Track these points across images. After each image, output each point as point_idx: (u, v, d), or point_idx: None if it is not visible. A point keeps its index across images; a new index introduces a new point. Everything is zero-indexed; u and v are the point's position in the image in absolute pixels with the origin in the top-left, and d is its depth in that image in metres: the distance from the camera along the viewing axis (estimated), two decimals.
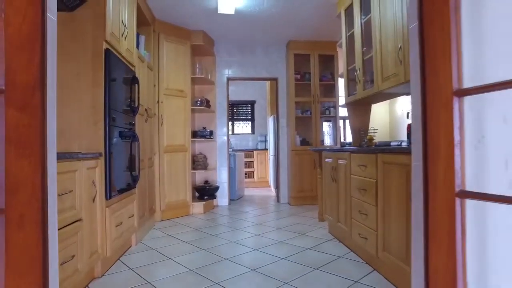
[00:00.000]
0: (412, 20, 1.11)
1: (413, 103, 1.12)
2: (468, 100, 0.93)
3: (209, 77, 5.27)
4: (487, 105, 0.96)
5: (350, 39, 3.64)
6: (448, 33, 0.92)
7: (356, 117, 3.85)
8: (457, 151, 0.92)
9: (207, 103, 5.22)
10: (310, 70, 5.44)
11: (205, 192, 5.08)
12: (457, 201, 0.93)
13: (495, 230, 0.96)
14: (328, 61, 5.58)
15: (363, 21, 3.30)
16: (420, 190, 1.05)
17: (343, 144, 5.44)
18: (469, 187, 0.94)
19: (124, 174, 2.90)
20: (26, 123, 0.92)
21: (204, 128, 5.34)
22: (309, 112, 5.54)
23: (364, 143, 3.61)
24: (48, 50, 0.99)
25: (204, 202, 4.92)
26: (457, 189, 0.92)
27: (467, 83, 0.93)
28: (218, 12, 4.02)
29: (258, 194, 6.92)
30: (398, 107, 4.45)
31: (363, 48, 3.32)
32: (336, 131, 5.66)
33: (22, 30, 0.92)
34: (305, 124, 5.63)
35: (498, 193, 0.95)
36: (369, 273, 2.47)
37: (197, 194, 5.15)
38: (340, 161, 3.20)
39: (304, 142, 5.60)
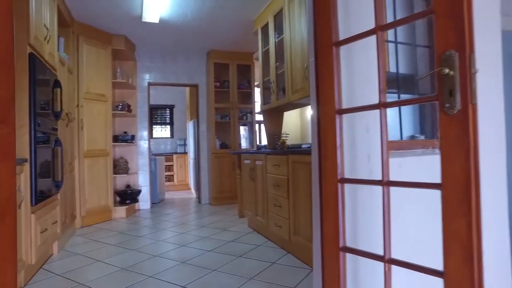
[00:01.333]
0: (311, 55, 1.55)
1: (312, 117, 1.55)
2: (344, 116, 1.39)
3: (130, 82, 5.29)
4: (356, 120, 1.44)
5: (266, 54, 4.14)
6: (331, 71, 1.37)
7: (271, 123, 4.37)
8: (338, 151, 1.37)
9: (128, 108, 5.23)
10: (229, 78, 5.85)
11: (127, 196, 5.08)
12: (339, 185, 1.37)
13: (361, 202, 1.44)
14: (245, 71, 6.06)
15: (276, 40, 3.82)
16: (317, 179, 1.49)
17: (259, 147, 5.95)
18: (346, 175, 1.40)
19: (48, 179, 2.88)
20: (5, 132, 1.08)
21: (125, 132, 5.33)
22: (228, 118, 5.93)
23: (278, 145, 4.13)
24: None
25: (127, 206, 4.92)
26: (339, 177, 1.37)
27: (344, 105, 1.39)
28: (143, 20, 4.15)
29: (179, 197, 7.07)
30: (308, 113, 5.10)
31: (276, 63, 3.83)
32: (253, 135, 6.17)
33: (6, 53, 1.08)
34: (224, 128, 6.01)
35: (363, 178, 1.43)
36: (284, 256, 2.94)
37: (118, 198, 5.12)
38: (257, 162, 3.64)
39: (223, 146, 5.97)
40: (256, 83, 5.85)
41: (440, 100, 1.01)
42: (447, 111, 0.99)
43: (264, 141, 6.41)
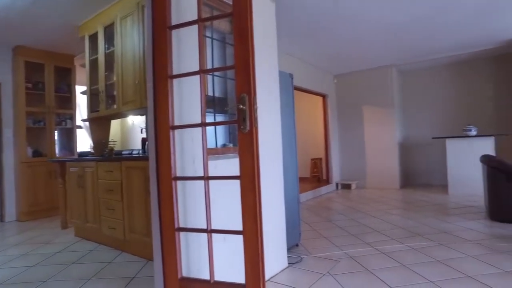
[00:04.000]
0: (149, 80, 1.95)
1: (149, 129, 1.95)
2: (176, 131, 1.87)
3: None
4: (185, 133, 1.95)
5: (94, 62, 4.14)
6: (167, 97, 1.82)
7: (98, 130, 4.38)
8: (172, 157, 1.83)
9: None
10: (45, 80, 5.35)
11: None
12: (173, 182, 1.84)
13: (189, 194, 1.95)
14: (65, 74, 5.66)
15: (107, 51, 3.92)
16: (155, 179, 1.90)
17: (80, 154, 5.67)
18: (178, 174, 1.88)
19: None
20: None
21: None
22: (43, 123, 5.40)
23: (106, 152, 4.20)
24: None
25: None
26: (173, 176, 1.83)
27: (176, 122, 1.87)
28: None
29: None
30: (129, 119, 5.25)
31: (106, 72, 3.93)
32: (73, 142, 5.82)
33: None
34: (37, 135, 5.43)
35: (189, 175, 1.95)
36: (120, 254, 3.15)
37: None
38: (87, 169, 3.66)
39: (36, 154, 5.38)
40: (83, 89, 5.56)
41: (238, 124, 1.63)
42: (242, 130, 1.62)
43: (85, 148, 6.14)
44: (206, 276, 1.79)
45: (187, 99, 1.98)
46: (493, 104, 6.69)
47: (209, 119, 2.46)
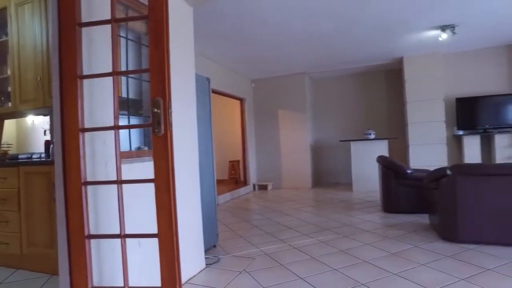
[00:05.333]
0: (55, 79, 1.82)
1: (55, 132, 1.81)
2: (87, 134, 1.78)
3: None
4: (96, 136, 1.86)
5: None
6: (76, 98, 1.72)
7: None
8: (82, 161, 1.73)
9: None
10: None
11: None
12: (83, 187, 1.74)
13: (101, 199, 1.87)
14: None
15: None
16: (62, 184, 1.78)
17: None
18: (89, 179, 1.78)
19: None
20: None
21: None
22: None
23: None
24: None
25: None
26: (82, 181, 1.73)
27: (86, 125, 1.77)
28: None
29: None
30: (29, 119, 4.70)
31: None
32: None
33: None
34: None
35: (103, 180, 1.86)
36: (14, 272, 2.81)
37: None
38: None
39: None
40: None
41: (153, 127, 1.63)
42: (156, 134, 1.62)
43: None
44: (120, 283, 1.73)
45: (99, 100, 1.89)
46: (387, 111, 7.68)
47: (123, 121, 2.37)
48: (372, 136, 6.63)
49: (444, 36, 5.16)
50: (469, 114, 6.38)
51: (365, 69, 7.46)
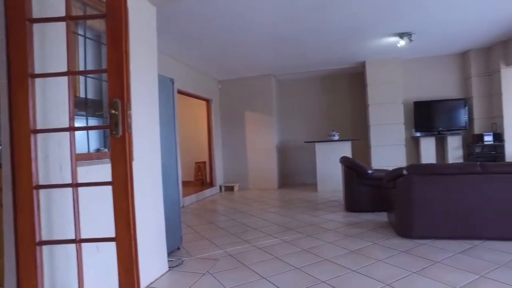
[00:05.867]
0: (3, 77, 1.72)
1: (3, 133, 1.71)
2: (40, 136, 1.70)
3: None
4: (50, 137, 1.78)
5: None
6: (27, 98, 1.64)
7: None
8: (33, 163, 1.65)
9: None
10: None
11: None
12: (34, 191, 1.66)
13: (56, 203, 1.79)
14: None
15: None
16: (10, 188, 1.68)
17: None
18: (41, 182, 1.70)
19: None
20: None
21: None
22: None
23: None
24: None
25: None
26: (34, 184, 1.65)
27: (40, 126, 1.69)
28: None
29: None
30: None
31: None
32: None
33: None
34: None
35: (58, 183, 1.79)
36: None
37: None
38: None
39: None
40: None
41: (111, 129, 1.59)
42: (114, 136, 1.58)
43: None
44: None
45: (53, 100, 1.81)
46: (350, 113, 7.94)
47: (81, 122, 2.29)
48: (336, 138, 6.82)
49: (402, 43, 5.42)
50: (425, 117, 6.75)
51: (330, 72, 7.67)
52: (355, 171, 4.65)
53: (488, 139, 6.21)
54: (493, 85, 6.38)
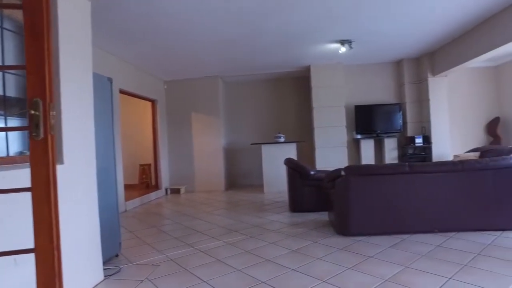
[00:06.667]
0: None
1: None
2: None
3: None
4: None
5: None
6: None
7: None
8: None
9: None
10: None
11: None
12: None
13: None
14: None
15: None
16: None
17: None
18: None
19: None
20: None
21: None
22: None
23: None
24: None
25: None
26: None
27: None
28: None
29: None
30: None
31: None
32: None
33: None
34: None
35: None
36: None
37: None
38: None
39: None
40: None
41: (30, 130, 1.46)
42: (34, 138, 1.46)
43: None
44: None
45: None
46: (296, 116, 8.17)
47: (0, 123, 2.09)
48: (282, 140, 6.98)
49: (343, 49, 5.70)
50: (365, 120, 7.16)
51: (276, 75, 7.83)
52: (298, 172, 4.78)
53: (419, 141, 6.77)
54: (422, 92, 6.98)
